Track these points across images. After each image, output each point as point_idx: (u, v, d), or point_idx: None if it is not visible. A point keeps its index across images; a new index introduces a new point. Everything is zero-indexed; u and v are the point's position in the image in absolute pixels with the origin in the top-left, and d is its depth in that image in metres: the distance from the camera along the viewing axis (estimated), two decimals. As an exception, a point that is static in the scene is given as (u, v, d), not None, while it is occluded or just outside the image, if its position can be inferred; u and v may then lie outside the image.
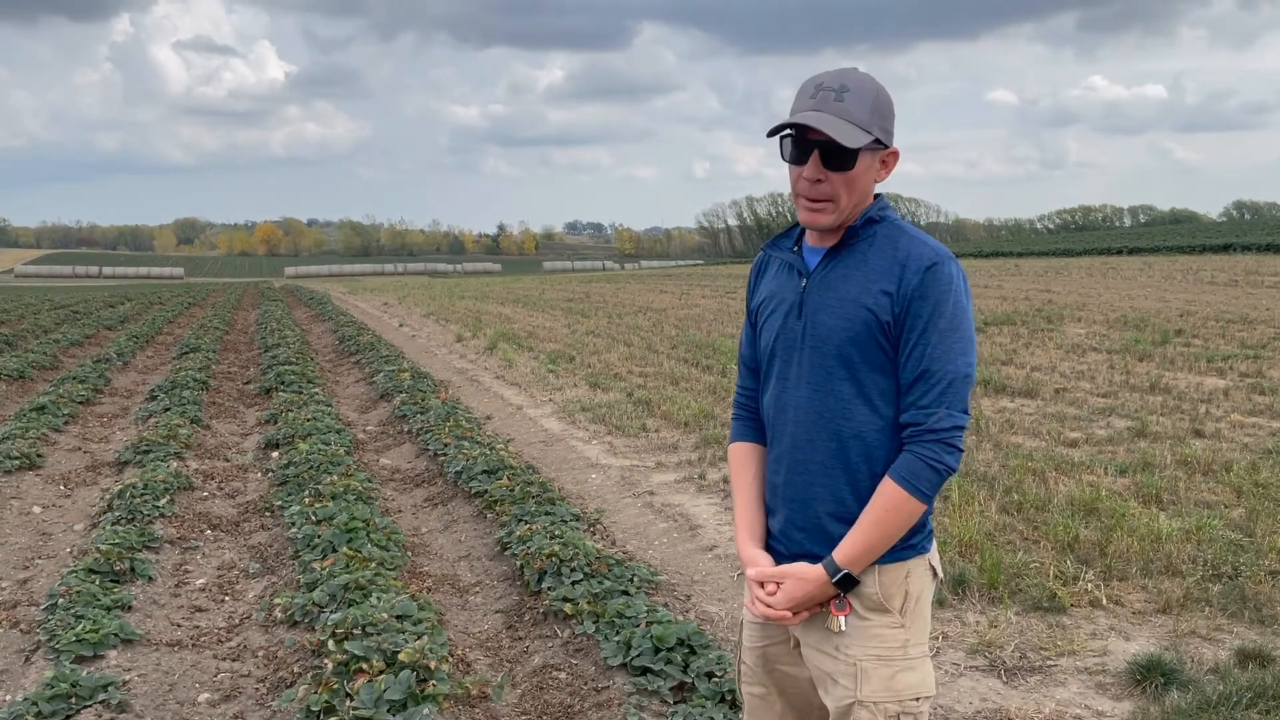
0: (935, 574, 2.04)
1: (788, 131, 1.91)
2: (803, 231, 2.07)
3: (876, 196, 2.00)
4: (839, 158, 1.87)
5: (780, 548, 2.05)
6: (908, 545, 1.96)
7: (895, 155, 1.97)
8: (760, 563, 2.04)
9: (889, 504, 1.89)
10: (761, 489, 2.12)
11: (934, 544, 2.05)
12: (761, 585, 2.01)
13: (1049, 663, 3.93)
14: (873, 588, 1.95)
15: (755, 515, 2.11)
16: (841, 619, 1.95)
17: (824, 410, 1.95)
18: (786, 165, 1.96)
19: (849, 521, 1.94)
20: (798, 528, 2.01)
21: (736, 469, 2.18)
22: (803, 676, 2.07)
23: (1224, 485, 6.10)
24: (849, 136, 1.84)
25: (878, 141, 1.90)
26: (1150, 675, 3.68)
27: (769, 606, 1.98)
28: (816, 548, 1.97)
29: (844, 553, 1.92)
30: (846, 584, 1.93)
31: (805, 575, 1.95)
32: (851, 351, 1.92)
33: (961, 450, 1.89)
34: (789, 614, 1.97)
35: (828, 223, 1.94)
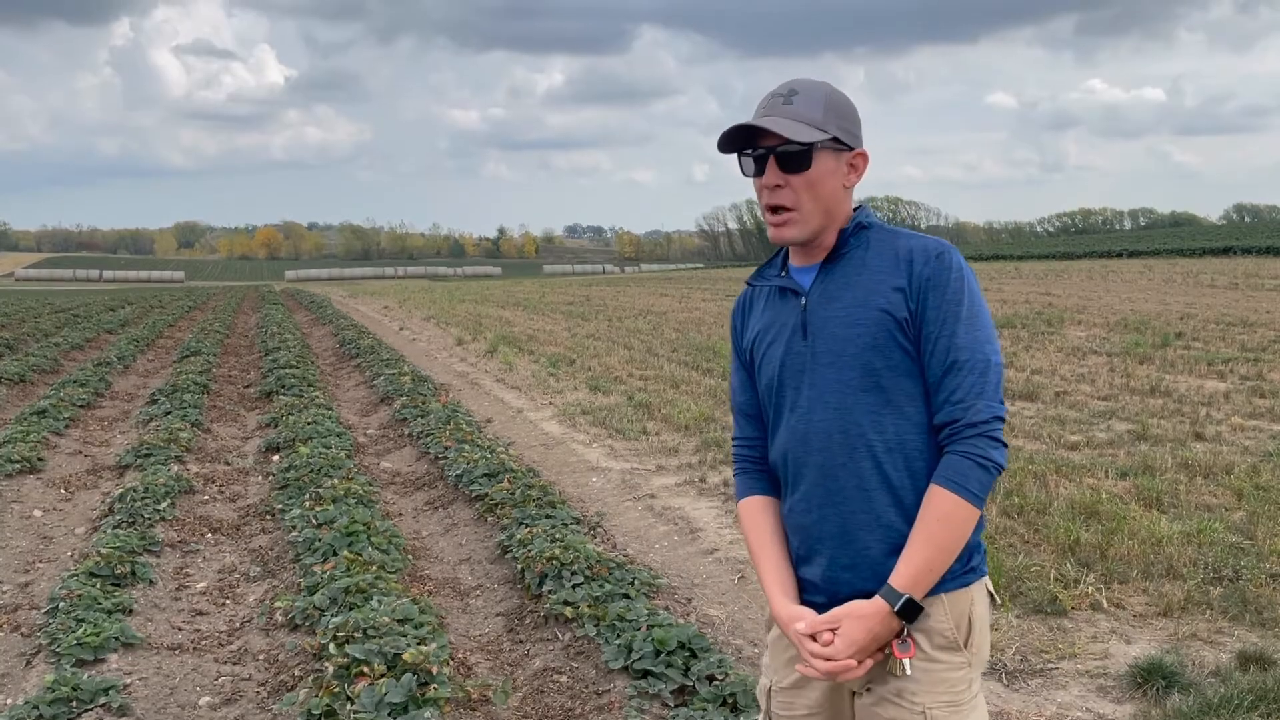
0: (993, 599, 1.88)
1: (745, 148, 1.85)
2: (787, 255, 1.97)
3: (858, 207, 1.90)
4: (795, 159, 1.79)
5: (821, 598, 1.84)
6: (969, 568, 1.81)
7: (864, 157, 1.87)
8: (805, 615, 1.81)
9: (941, 513, 1.73)
10: (784, 541, 1.94)
11: (987, 567, 1.89)
12: (813, 639, 1.77)
13: (1050, 666, 3.93)
14: (944, 621, 1.78)
15: (784, 569, 1.91)
16: (906, 661, 1.75)
17: (851, 428, 1.80)
18: (751, 182, 1.88)
19: (902, 547, 1.77)
20: (844, 567, 1.81)
21: (752, 525, 1.98)
22: None
23: (1225, 488, 6.10)
24: (799, 133, 1.77)
25: (838, 142, 1.82)
26: (1151, 678, 3.67)
27: (829, 660, 1.74)
28: (871, 585, 1.77)
29: (902, 576, 1.73)
30: (910, 612, 1.73)
31: (863, 612, 1.74)
32: (872, 358, 1.79)
33: (1005, 445, 1.75)
34: (853, 663, 1.74)
35: (795, 235, 1.84)
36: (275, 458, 7.95)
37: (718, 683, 3.57)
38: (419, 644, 3.77)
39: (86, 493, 7.10)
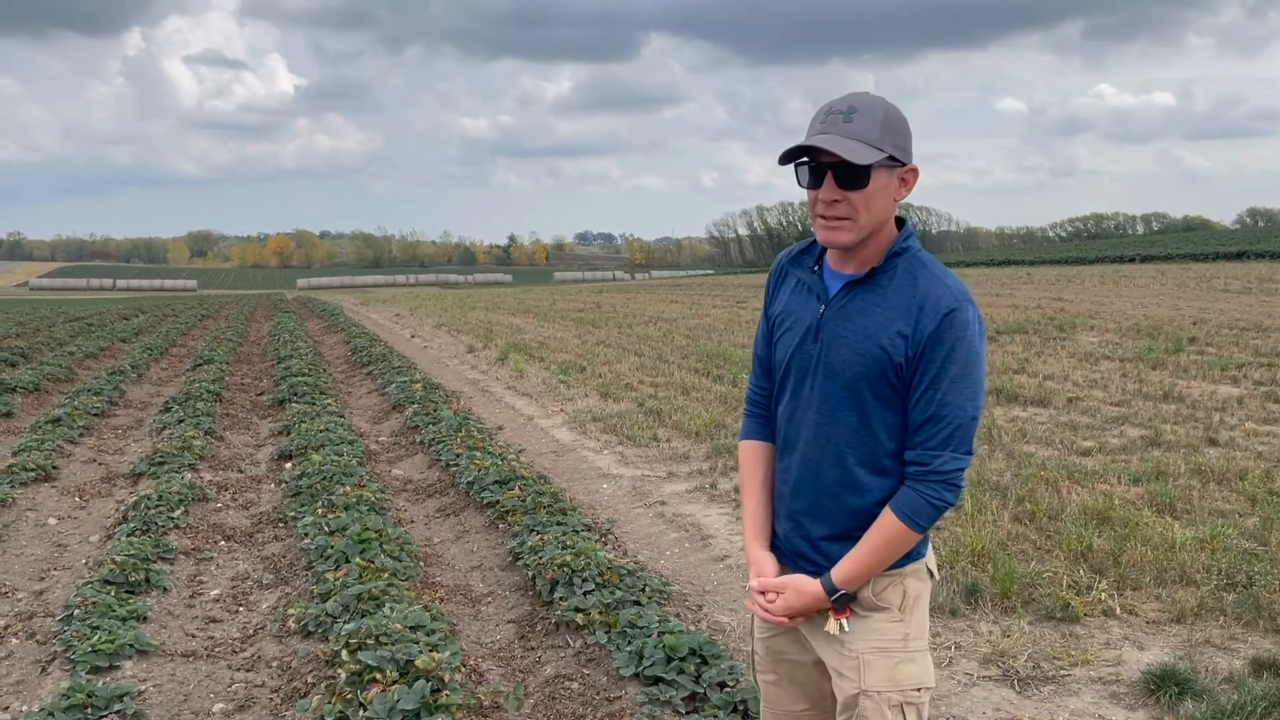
0: (931, 575, 2.12)
1: (802, 159, 1.95)
2: (824, 251, 2.08)
3: (902, 223, 2.02)
4: (852, 177, 1.90)
5: (783, 551, 2.16)
6: (903, 556, 2.05)
7: (914, 173, 1.98)
8: (765, 569, 2.14)
9: (888, 535, 1.97)
10: (771, 491, 2.20)
11: (929, 548, 2.12)
12: (763, 592, 2.11)
13: (1062, 672, 3.92)
14: (868, 593, 2.04)
15: (763, 517, 2.20)
16: (843, 621, 2.04)
17: (831, 436, 2.02)
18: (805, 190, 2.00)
19: (848, 539, 2.03)
20: (800, 537, 2.11)
21: (747, 468, 2.24)
22: (810, 662, 2.17)
23: (1238, 494, 6.08)
24: (858, 154, 1.87)
25: (893, 159, 1.92)
26: (1164, 685, 3.66)
27: (767, 611, 2.10)
28: (816, 558, 2.08)
29: (841, 573, 2.01)
30: (841, 602, 2.03)
31: (804, 589, 2.05)
32: (861, 386, 1.97)
33: (962, 486, 1.97)
34: (785, 620, 2.08)
35: (847, 240, 1.96)
36: (288, 465, 7.98)
37: (729, 689, 3.57)
38: (431, 651, 3.78)
39: (101, 500, 7.14)
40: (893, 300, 1.96)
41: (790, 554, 2.13)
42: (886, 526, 1.97)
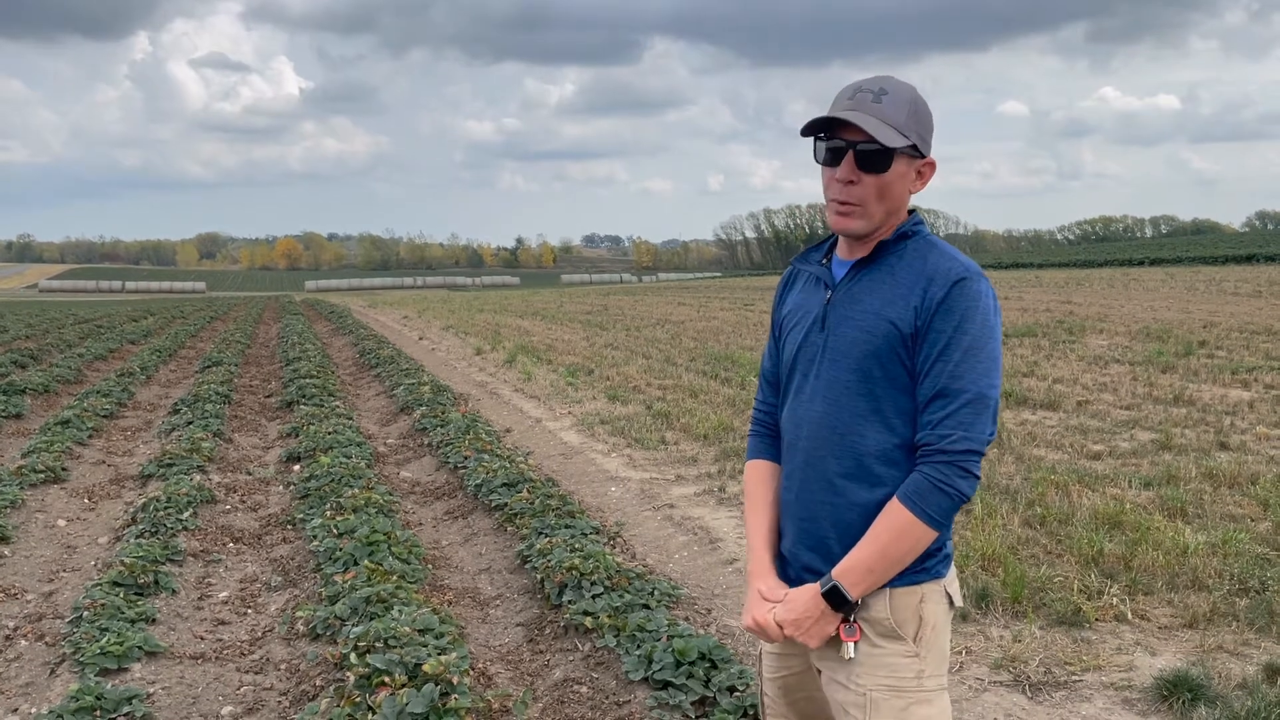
0: (952, 602, 1.92)
1: (822, 133, 1.86)
2: (834, 245, 2.02)
3: (911, 211, 1.94)
4: (874, 159, 1.81)
5: (789, 565, 2.00)
6: (921, 569, 1.86)
7: (931, 166, 1.89)
8: (768, 581, 1.97)
9: (892, 525, 1.80)
10: (777, 508, 2.05)
11: (952, 569, 1.94)
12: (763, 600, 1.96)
13: (1074, 678, 3.90)
14: (883, 612, 1.85)
15: (768, 533, 2.04)
16: (851, 645, 1.85)
17: (838, 426, 1.88)
18: (820, 169, 1.90)
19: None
20: (806, 546, 1.94)
21: (752, 487, 2.10)
22: (824, 703, 1.99)
23: (1250, 498, 6.04)
24: (886, 136, 1.79)
25: (914, 149, 1.84)
26: (1177, 691, 3.64)
27: (758, 619, 1.93)
28: (824, 566, 1.89)
29: (839, 566, 1.84)
30: (835, 599, 1.83)
31: (801, 591, 1.89)
32: (871, 366, 1.85)
33: (977, 476, 1.79)
34: (776, 628, 1.88)
35: (857, 228, 1.87)
36: (296, 467, 7.98)
37: (739, 694, 3.55)
38: (440, 654, 3.77)
39: (110, 502, 7.15)
40: (901, 277, 1.85)
41: (797, 569, 1.96)
42: (891, 515, 1.79)
